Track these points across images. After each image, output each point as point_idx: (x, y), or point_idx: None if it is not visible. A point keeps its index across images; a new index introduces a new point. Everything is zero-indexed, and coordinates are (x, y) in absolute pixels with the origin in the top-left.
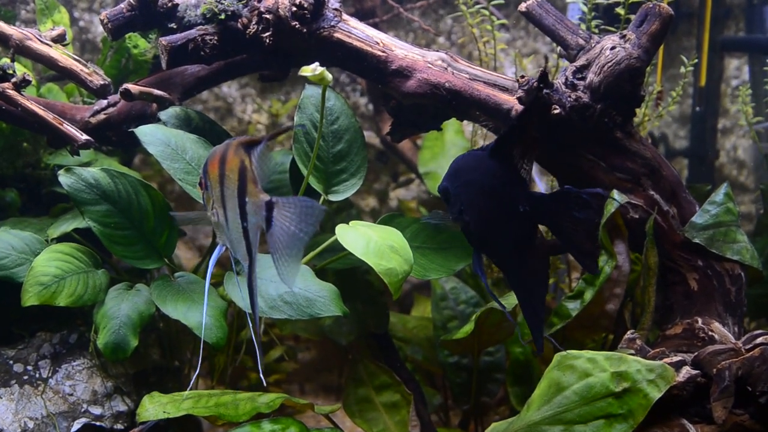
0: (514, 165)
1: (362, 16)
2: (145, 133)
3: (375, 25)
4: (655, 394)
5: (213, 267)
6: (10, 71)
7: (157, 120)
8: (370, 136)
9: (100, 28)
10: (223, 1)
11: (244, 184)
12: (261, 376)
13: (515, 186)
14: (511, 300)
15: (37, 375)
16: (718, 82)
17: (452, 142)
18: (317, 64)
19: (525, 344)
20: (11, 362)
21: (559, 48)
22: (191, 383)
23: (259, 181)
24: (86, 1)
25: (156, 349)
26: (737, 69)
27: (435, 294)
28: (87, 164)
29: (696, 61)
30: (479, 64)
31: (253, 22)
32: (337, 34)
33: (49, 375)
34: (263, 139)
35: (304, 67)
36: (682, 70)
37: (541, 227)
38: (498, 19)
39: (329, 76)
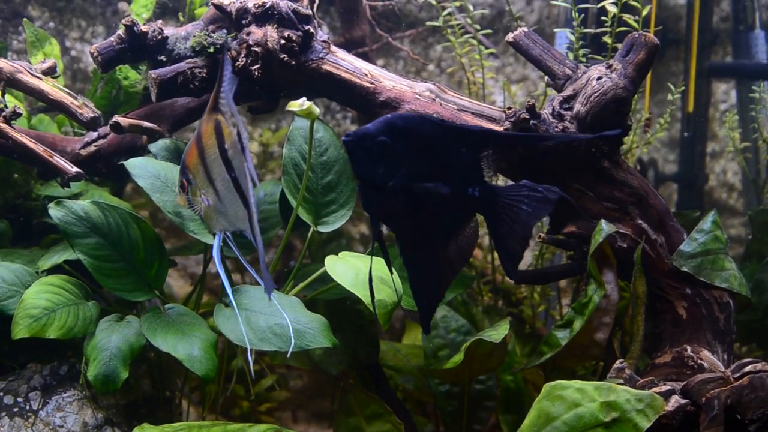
0: (477, 148)
1: (352, 45)
2: (135, 166)
3: (365, 54)
4: (645, 424)
5: (219, 258)
6: (1, 105)
7: (148, 152)
8: None
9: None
10: (212, 35)
11: (222, 138)
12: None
13: (470, 169)
14: (501, 330)
15: (28, 407)
16: (705, 107)
17: None
18: (304, 99)
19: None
20: (1, 394)
21: (546, 78)
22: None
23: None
24: (78, 30)
25: (147, 380)
26: (725, 93)
27: None
28: (78, 195)
29: (683, 87)
30: (468, 91)
31: (242, 55)
32: (325, 66)
33: (40, 407)
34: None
35: (292, 102)
36: (670, 97)
37: None
38: (486, 48)
39: (317, 111)
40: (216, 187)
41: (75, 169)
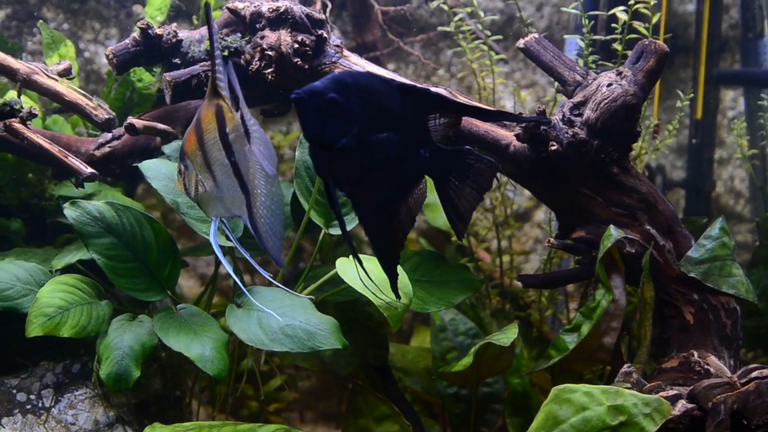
0: (425, 108)
1: (363, 49)
2: (149, 167)
3: (376, 59)
4: (651, 428)
5: (216, 242)
6: (17, 107)
7: (161, 153)
8: None
9: (105, 59)
10: (226, 38)
11: (223, 122)
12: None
13: (420, 129)
14: (509, 334)
15: (40, 404)
16: (714, 114)
17: None
18: None
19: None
20: (14, 391)
21: (556, 84)
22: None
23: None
24: (92, 32)
25: (158, 379)
26: (733, 100)
27: (434, 325)
28: (91, 195)
29: (692, 95)
30: (478, 96)
31: (256, 59)
32: (338, 70)
33: (52, 404)
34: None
35: None
36: (679, 104)
37: None
38: (497, 53)
39: None
40: (213, 173)
41: (89, 169)
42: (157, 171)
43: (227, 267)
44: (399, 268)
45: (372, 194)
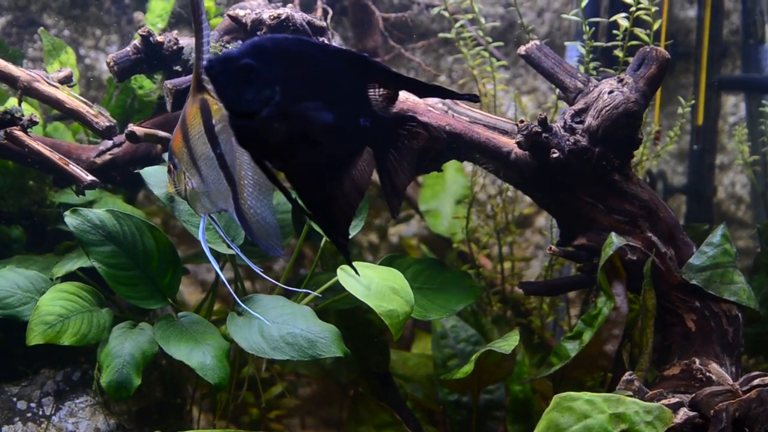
0: (363, 76)
1: None
2: (150, 174)
3: None
4: None
5: (204, 239)
6: (18, 114)
7: (162, 161)
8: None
9: (106, 66)
10: (227, 45)
11: (209, 114)
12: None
13: (359, 98)
14: (510, 341)
15: (41, 412)
16: (715, 119)
17: (453, 180)
18: None
19: None
20: (15, 399)
21: (558, 90)
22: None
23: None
24: (92, 39)
25: (158, 387)
26: (734, 106)
27: (435, 332)
28: (92, 202)
29: (693, 101)
30: (479, 103)
31: None
32: None
33: (53, 412)
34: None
35: None
36: (680, 110)
37: None
38: (498, 60)
39: None
40: (199, 168)
41: (90, 177)
42: (158, 178)
43: (215, 266)
44: (401, 276)
45: (306, 166)
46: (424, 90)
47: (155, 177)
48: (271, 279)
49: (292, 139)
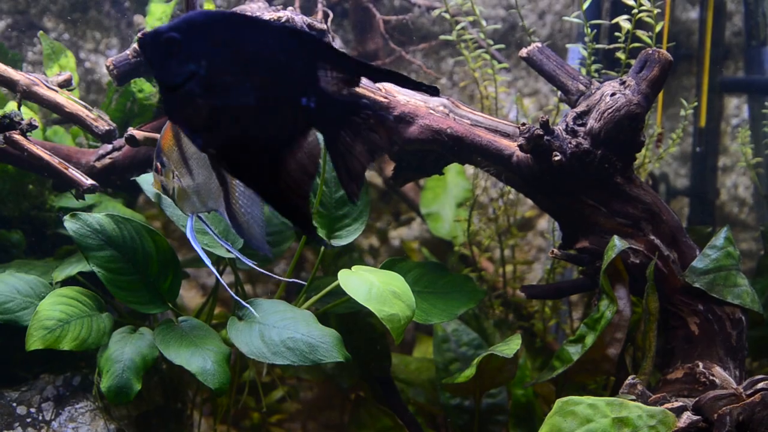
0: (309, 54)
1: (365, 58)
2: (147, 181)
3: None
4: None
5: (194, 236)
6: (18, 118)
7: None
8: (371, 175)
9: (106, 69)
10: None
11: None
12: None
13: (302, 76)
14: (512, 345)
15: (41, 417)
16: (717, 121)
17: (454, 183)
18: None
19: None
20: (14, 404)
21: (559, 93)
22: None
23: None
24: (92, 42)
25: (158, 391)
26: (737, 108)
27: (437, 336)
28: (92, 206)
29: (696, 103)
30: (481, 105)
31: None
32: None
33: (52, 417)
34: None
35: None
36: (683, 112)
37: None
38: (499, 62)
39: None
40: (190, 167)
41: (90, 181)
42: None
43: (208, 263)
44: (402, 279)
45: (239, 143)
46: (377, 75)
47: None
48: (275, 275)
49: (217, 114)
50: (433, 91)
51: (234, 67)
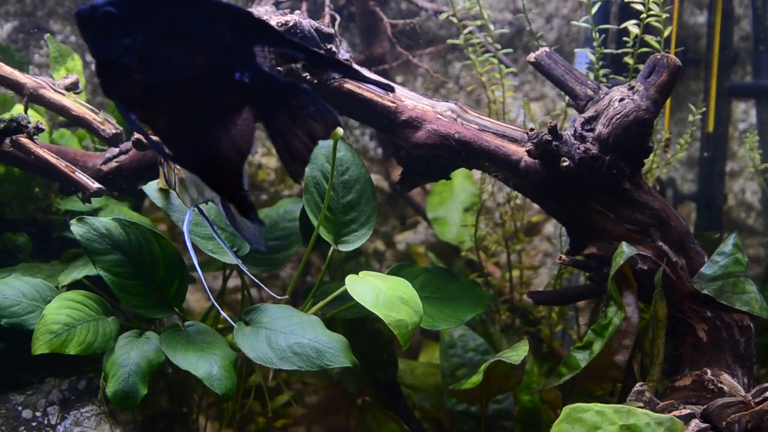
0: (244, 32)
1: (372, 62)
2: (154, 188)
3: (385, 72)
4: None
5: (189, 235)
6: (25, 122)
7: None
8: (378, 179)
9: None
10: None
11: None
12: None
13: (237, 52)
14: (520, 352)
15: (46, 421)
16: (725, 126)
17: (461, 188)
18: None
19: None
20: (20, 408)
21: (567, 97)
22: None
23: None
24: None
25: (164, 396)
26: (744, 113)
27: (443, 341)
28: (98, 210)
29: (704, 108)
30: (488, 109)
31: None
32: (347, 85)
33: (58, 421)
34: None
35: None
36: (691, 118)
37: None
38: (507, 67)
39: (341, 132)
40: None
41: (96, 185)
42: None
43: (194, 260)
44: (409, 285)
45: (172, 118)
46: (314, 59)
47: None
48: (271, 292)
49: (152, 88)
50: (388, 88)
51: (168, 41)
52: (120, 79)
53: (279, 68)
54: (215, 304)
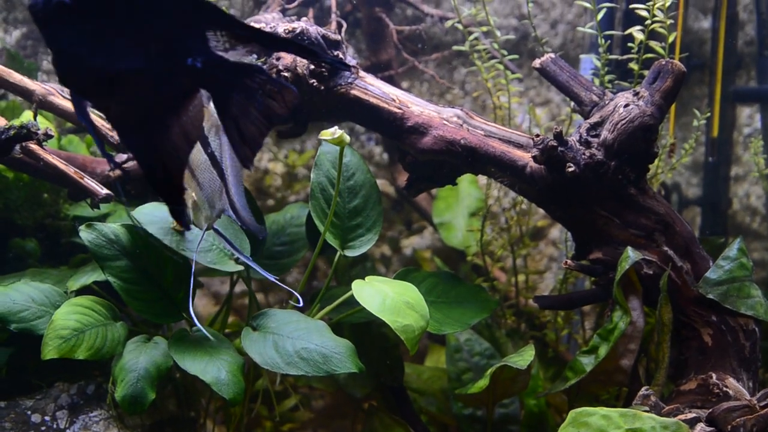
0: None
1: (378, 68)
2: (144, 213)
3: (391, 78)
4: None
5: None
6: (34, 129)
7: None
8: (384, 185)
9: None
10: None
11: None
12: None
13: (189, 37)
14: (526, 356)
15: (55, 426)
16: (730, 131)
17: (467, 193)
18: (336, 127)
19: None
20: (29, 413)
21: (572, 103)
22: None
23: None
24: None
25: (172, 400)
26: (749, 117)
27: (450, 346)
28: (106, 215)
29: (709, 113)
30: (493, 115)
31: None
32: (354, 91)
33: (67, 426)
34: None
35: (323, 132)
36: (695, 123)
37: None
38: (513, 72)
39: (347, 138)
40: (197, 177)
41: (105, 190)
42: (152, 216)
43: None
44: (415, 290)
45: (124, 105)
46: (270, 43)
47: (149, 215)
48: (287, 287)
49: (104, 77)
50: (345, 66)
51: (120, 29)
52: (74, 68)
53: (284, 73)
54: (191, 311)
